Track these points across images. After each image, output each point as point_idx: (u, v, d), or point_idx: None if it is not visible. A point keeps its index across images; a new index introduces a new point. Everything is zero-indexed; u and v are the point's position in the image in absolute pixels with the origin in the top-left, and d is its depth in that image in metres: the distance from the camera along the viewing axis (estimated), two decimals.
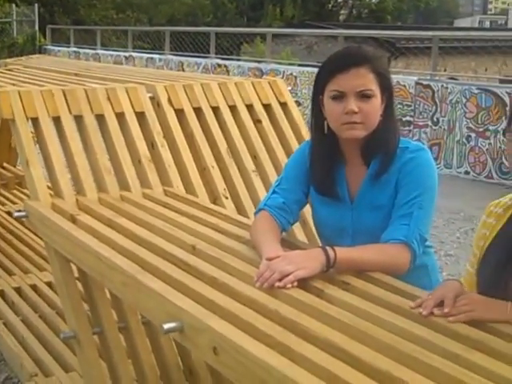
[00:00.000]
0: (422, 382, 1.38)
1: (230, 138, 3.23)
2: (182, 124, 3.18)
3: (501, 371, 1.42)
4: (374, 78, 2.13)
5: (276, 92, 3.47)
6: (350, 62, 2.12)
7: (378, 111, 2.16)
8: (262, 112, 3.37)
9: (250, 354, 1.51)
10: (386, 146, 2.18)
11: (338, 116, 2.14)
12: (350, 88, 2.11)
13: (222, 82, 3.43)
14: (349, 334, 1.61)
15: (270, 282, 1.88)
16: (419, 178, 2.15)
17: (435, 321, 1.69)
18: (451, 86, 9.70)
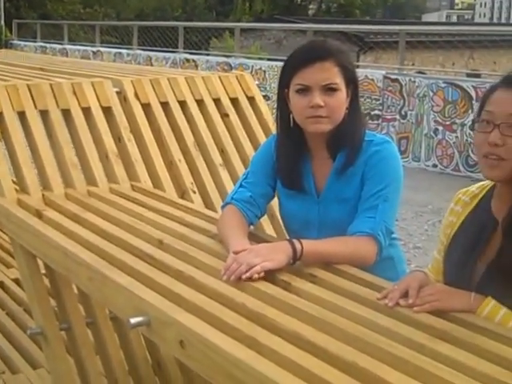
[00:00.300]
0: (388, 372, 1.38)
1: (198, 132, 3.22)
2: (149, 118, 3.17)
3: (465, 360, 1.44)
4: (338, 72, 2.14)
5: (243, 86, 3.47)
6: (314, 56, 2.12)
7: (343, 105, 2.17)
8: (230, 106, 3.37)
9: (217, 347, 1.51)
10: (351, 139, 2.19)
11: (303, 110, 2.14)
12: (315, 82, 2.11)
13: (189, 76, 3.42)
14: (316, 325, 1.62)
15: (236, 274, 1.88)
16: (384, 171, 2.16)
17: (401, 311, 1.70)
18: (419, 79, 9.78)
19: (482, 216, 1.92)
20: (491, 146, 1.76)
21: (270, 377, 1.37)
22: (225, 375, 1.49)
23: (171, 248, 2.17)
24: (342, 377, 1.36)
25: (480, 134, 1.80)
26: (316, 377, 1.37)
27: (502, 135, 1.75)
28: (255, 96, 3.45)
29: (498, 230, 1.86)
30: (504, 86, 1.79)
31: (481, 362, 1.44)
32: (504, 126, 1.75)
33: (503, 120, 1.75)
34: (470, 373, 1.39)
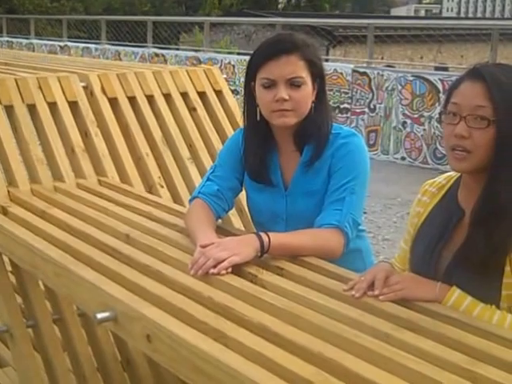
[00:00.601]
0: (354, 362, 1.39)
1: (165, 127, 3.21)
2: (116, 113, 3.15)
3: (430, 349, 1.45)
4: (304, 66, 2.14)
5: (211, 80, 3.46)
6: (280, 50, 2.12)
7: (308, 98, 2.17)
8: (197, 100, 3.36)
9: (184, 341, 1.51)
10: (317, 132, 2.19)
11: (268, 103, 2.14)
12: (280, 76, 2.12)
13: (157, 70, 3.40)
14: (282, 317, 1.62)
15: (204, 268, 1.88)
16: (351, 164, 2.17)
17: (367, 302, 1.71)
18: (387, 73, 9.83)
19: (449, 206, 1.93)
20: (458, 139, 1.77)
21: (237, 369, 1.37)
22: (191, 368, 1.49)
23: (138, 242, 2.17)
24: (307, 367, 1.36)
25: (447, 126, 1.81)
26: (282, 368, 1.37)
27: (468, 127, 1.75)
28: (223, 90, 3.45)
29: (464, 220, 1.88)
30: (469, 79, 1.79)
31: (445, 350, 1.45)
32: (470, 118, 1.75)
33: (469, 112, 1.76)
34: (435, 361, 1.40)
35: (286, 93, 2.11)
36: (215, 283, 1.85)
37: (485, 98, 1.74)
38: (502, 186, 1.75)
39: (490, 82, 1.74)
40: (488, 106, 1.74)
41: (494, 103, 1.73)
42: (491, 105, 1.73)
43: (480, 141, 1.74)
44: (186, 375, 1.53)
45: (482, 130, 1.73)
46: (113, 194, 2.71)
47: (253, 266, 1.95)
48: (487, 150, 1.75)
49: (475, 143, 1.75)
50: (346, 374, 1.36)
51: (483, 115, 1.73)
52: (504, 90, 1.73)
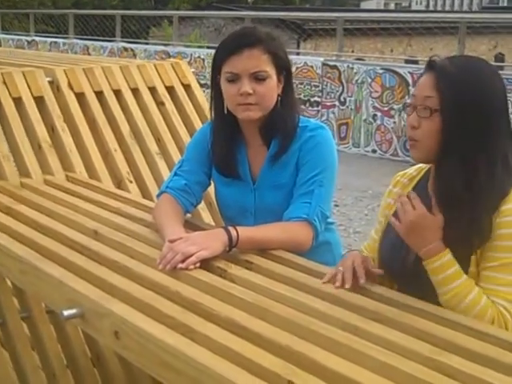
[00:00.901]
0: (322, 355, 1.39)
1: (133, 121, 3.19)
2: (84, 108, 3.12)
3: (397, 340, 1.46)
4: (268, 59, 2.14)
5: (179, 74, 3.44)
6: (243, 44, 2.12)
7: (273, 92, 2.17)
8: (165, 94, 3.34)
9: (151, 336, 1.50)
10: (284, 126, 2.19)
11: (233, 97, 2.14)
12: (244, 70, 2.11)
13: (124, 64, 3.38)
14: (250, 311, 1.62)
15: (172, 263, 1.87)
16: (319, 156, 2.17)
17: (334, 294, 1.72)
18: (357, 66, 9.86)
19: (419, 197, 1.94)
20: (410, 129, 1.82)
21: (204, 363, 1.37)
22: (159, 364, 1.48)
23: (106, 238, 2.15)
24: (275, 361, 1.36)
25: (407, 117, 1.86)
26: (249, 361, 1.37)
27: (418, 117, 1.80)
28: (191, 83, 3.43)
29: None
30: (426, 71, 1.83)
31: (411, 340, 1.46)
32: (420, 109, 1.80)
33: (420, 103, 1.80)
34: (401, 351, 1.41)
35: (250, 87, 2.11)
36: (183, 278, 1.84)
37: (433, 88, 1.78)
38: (448, 174, 1.78)
39: (439, 73, 1.78)
40: (435, 96, 1.77)
41: (440, 94, 1.76)
42: (437, 95, 1.77)
43: (426, 130, 1.79)
44: (153, 370, 1.52)
45: (428, 119, 1.78)
46: (81, 190, 2.69)
47: (221, 261, 1.95)
48: (433, 139, 1.79)
49: (423, 132, 1.79)
50: (313, 366, 1.36)
51: (429, 105, 1.77)
52: (451, 80, 1.76)
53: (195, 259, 1.88)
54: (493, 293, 1.73)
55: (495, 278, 1.74)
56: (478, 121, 1.76)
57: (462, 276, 1.74)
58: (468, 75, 1.78)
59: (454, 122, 1.75)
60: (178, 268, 1.86)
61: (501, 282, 1.73)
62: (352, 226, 6.64)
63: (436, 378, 1.30)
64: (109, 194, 2.65)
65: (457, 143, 1.76)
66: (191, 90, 3.43)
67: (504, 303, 1.71)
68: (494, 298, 1.72)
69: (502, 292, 1.73)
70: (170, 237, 1.98)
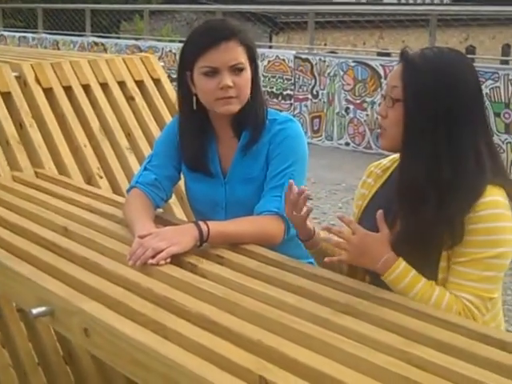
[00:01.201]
0: (293, 349, 1.39)
1: (103, 116, 3.16)
2: (52, 103, 3.09)
3: (367, 332, 1.46)
4: (243, 51, 2.13)
5: (148, 68, 3.42)
6: (219, 37, 2.10)
7: (249, 83, 2.16)
8: (135, 89, 3.32)
9: (121, 334, 1.49)
10: (255, 117, 2.18)
11: (212, 92, 2.12)
12: (223, 63, 2.09)
13: (92, 59, 3.35)
14: (221, 306, 1.61)
15: (142, 259, 1.86)
16: (289, 149, 2.16)
17: (305, 288, 1.72)
18: (329, 59, 9.86)
19: (392, 188, 1.95)
20: (380, 118, 1.85)
21: (175, 360, 1.36)
22: (130, 361, 1.47)
23: (76, 235, 2.13)
24: (246, 356, 1.36)
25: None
26: (221, 357, 1.36)
27: (386, 107, 1.82)
28: (161, 78, 3.41)
29: None
30: (398, 61, 1.84)
31: (382, 332, 1.46)
32: (388, 98, 1.82)
33: (388, 92, 1.83)
34: (373, 344, 1.41)
35: (230, 80, 2.10)
36: (154, 274, 1.83)
37: (399, 78, 1.79)
38: (412, 164, 1.78)
39: (405, 63, 1.80)
40: (399, 85, 1.79)
41: (403, 83, 1.78)
42: (401, 85, 1.79)
43: (391, 119, 1.81)
44: (124, 368, 1.52)
45: (391, 108, 1.80)
46: (50, 186, 2.66)
47: (192, 256, 1.93)
48: (398, 129, 1.80)
49: (389, 121, 1.82)
50: (284, 360, 1.36)
51: (393, 94, 1.80)
52: (414, 70, 1.77)
53: (166, 255, 1.86)
54: (461, 287, 1.74)
55: (465, 273, 1.74)
56: (441, 113, 1.74)
57: (420, 280, 1.74)
58: (434, 66, 1.77)
59: (413, 112, 1.76)
60: (149, 264, 1.85)
61: (470, 277, 1.74)
62: (326, 219, 6.64)
63: (407, 369, 1.30)
64: (79, 190, 2.63)
65: (416, 134, 1.76)
66: (161, 85, 3.41)
67: (470, 297, 1.72)
68: (461, 293, 1.73)
69: (469, 287, 1.73)
70: (139, 232, 1.96)
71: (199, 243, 1.96)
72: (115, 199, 2.52)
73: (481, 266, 1.73)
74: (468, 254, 1.73)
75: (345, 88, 9.64)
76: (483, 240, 1.73)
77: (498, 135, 8.08)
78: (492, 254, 1.73)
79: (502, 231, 1.73)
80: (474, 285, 1.73)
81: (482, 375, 1.27)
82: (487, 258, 1.73)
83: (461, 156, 1.75)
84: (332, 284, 1.76)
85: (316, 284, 1.74)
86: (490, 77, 8.12)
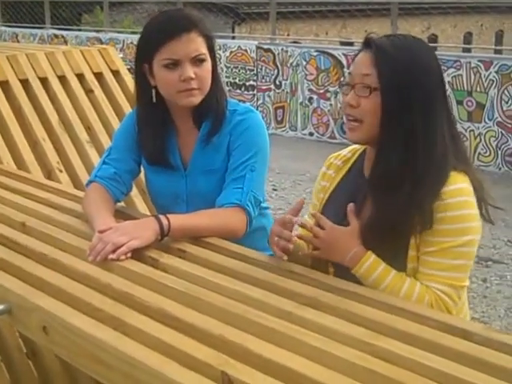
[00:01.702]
0: (255, 343, 1.36)
1: (62, 110, 3.11)
2: (8, 97, 3.03)
3: (331, 325, 1.44)
4: (203, 42, 2.10)
5: (107, 60, 3.37)
6: (179, 28, 2.06)
7: (210, 74, 2.13)
8: (94, 81, 3.27)
9: (80, 331, 1.45)
10: (215, 108, 2.15)
11: (173, 84, 2.08)
12: (185, 54, 2.06)
13: (50, 51, 3.29)
14: (183, 301, 1.58)
15: (102, 254, 1.82)
16: (250, 140, 2.14)
17: (269, 281, 1.69)
18: (291, 49, 9.86)
19: (355, 179, 1.93)
20: (348, 108, 1.79)
21: (135, 357, 1.33)
22: (90, 359, 1.44)
23: (35, 231, 2.08)
24: (208, 351, 1.33)
25: (343, 97, 1.83)
26: (182, 353, 1.34)
27: (357, 96, 1.77)
28: (120, 70, 3.37)
29: None
30: (362, 49, 1.81)
31: (347, 325, 1.44)
32: (359, 87, 1.77)
33: (357, 81, 1.78)
34: (336, 337, 1.39)
35: (192, 71, 2.06)
36: (114, 269, 1.80)
37: (371, 66, 1.76)
38: (390, 152, 1.76)
39: (376, 50, 1.76)
40: (373, 73, 1.75)
41: (378, 71, 1.74)
42: (376, 73, 1.75)
43: (366, 108, 1.76)
44: (85, 366, 1.48)
45: (367, 97, 1.75)
46: (9, 182, 2.61)
47: (153, 250, 1.90)
48: (375, 118, 1.76)
49: (364, 111, 1.77)
50: (247, 355, 1.33)
51: (367, 83, 1.75)
52: (389, 57, 1.75)
53: (126, 249, 1.83)
54: (431, 278, 1.73)
55: (434, 263, 1.73)
56: (416, 99, 1.74)
57: (390, 272, 1.74)
58: (405, 53, 1.77)
59: (393, 100, 1.74)
60: (109, 259, 1.81)
61: (440, 266, 1.73)
62: None
63: (373, 362, 1.28)
64: (38, 185, 2.57)
65: (394, 122, 1.74)
66: (120, 77, 3.36)
67: (442, 287, 1.71)
68: (433, 283, 1.72)
69: (440, 277, 1.72)
70: (99, 227, 1.92)
71: (160, 237, 1.93)
72: (75, 194, 2.47)
73: (450, 254, 1.72)
74: (437, 244, 1.72)
75: (308, 78, 9.64)
76: (451, 229, 1.72)
77: (461, 123, 8.14)
78: (460, 242, 1.72)
79: (468, 219, 1.73)
80: (444, 274, 1.72)
81: (447, 366, 1.26)
82: (456, 247, 1.72)
83: (432, 142, 1.76)
84: (296, 277, 1.73)
85: (280, 277, 1.72)
86: (452, 65, 8.18)
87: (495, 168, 7.96)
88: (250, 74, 10.19)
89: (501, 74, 7.85)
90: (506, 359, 1.30)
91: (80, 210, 2.22)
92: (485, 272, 4.97)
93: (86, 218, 2.11)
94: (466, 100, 8.14)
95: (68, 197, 2.42)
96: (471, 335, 1.40)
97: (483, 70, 7.96)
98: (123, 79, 3.36)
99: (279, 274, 1.75)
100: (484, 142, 8.05)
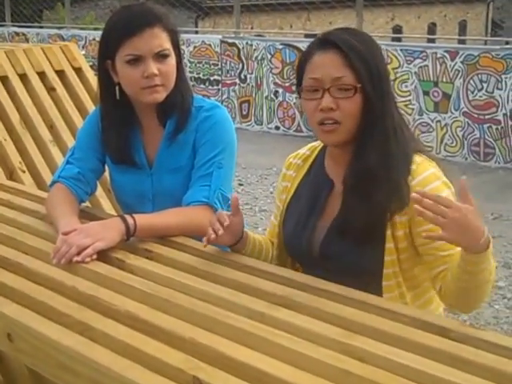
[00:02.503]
0: (226, 345, 1.33)
1: (23, 109, 3.05)
2: None
3: (304, 324, 1.41)
4: (167, 37, 2.05)
5: (69, 57, 3.31)
6: (142, 23, 2.01)
7: (174, 70, 2.08)
8: (56, 79, 3.21)
9: (45, 337, 1.41)
10: (180, 105, 2.11)
11: (136, 81, 2.03)
12: (147, 50, 2.01)
13: (9, 49, 3.22)
14: (151, 303, 1.54)
15: (67, 257, 1.77)
16: (217, 137, 2.10)
17: (239, 280, 1.66)
18: (256, 42, 9.82)
19: (317, 178, 1.92)
20: (326, 112, 1.74)
21: (103, 363, 1.29)
22: (56, 366, 1.40)
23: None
24: (178, 355, 1.29)
25: (310, 102, 1.78)
26: (152, 358, 1.30)
27: (334, 98, 1.73)
28: (82, 67, 3.31)
29: (334, 190, 1.87)
30: (321, 49, 1.76)
31: (321, 324, 1.41)
32: (334, 90, 1.74)
33: (332, 83, 1.74)
34: (310, 337, 1.36)
35: (155, 67, 2.01)
36: (80, 272, 1.75)
37: (344, 66, 1.73)
38: (372, 150, 1.75)
39: (346, 49, 1.73)
40: (348, 74, 1.73)
41: (355, 71, 1.72)
42: (352, 73, 1.72)
43: (349, 110, 1.73)
44: (51, 374, 1.44)
45: (350, 98, 1.73)
46: None
47: (119, 251, 1.85)
48: (355, 119, 1.75)
49: (345, 113, 1.74)
50: (219, 358, 1.30)
51: (348, 83, 1.72)
52: (362, 57, 1.73)
53: (91, 251, 1.78)
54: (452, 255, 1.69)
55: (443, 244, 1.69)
56: (387, 91, 1.77)
57: None
58: (370, 48, 1.77)
59: (374, 97, 1.73)
60: (74, 261, 1.77)
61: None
62: (258, 204, 6.62)
63: (346, 361, 1.25)
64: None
65: (375, 119, 1.74)
66: (82, 74, 3.31)
67: None
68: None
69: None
70: (63, 229, 1.87)
71: (126, 237, 1.88)
72: (38, 194, 2.42)
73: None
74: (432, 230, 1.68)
75: (273, 71, 9.62)
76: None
77: (428, 114, 8.19)
78: None
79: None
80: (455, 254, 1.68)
81: (423, 364, 1.24)
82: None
83: (402, 131, 1.79)
84: (267, 276, 1.70)
85: (251, 276, 1.68)
86: (418, 55, 8.21)
87: (462, 158, 8.01)
88: (215, 68, 10.14)
89: (466, 64, 7.89)
90: (482, 356, 1.28)
91: (44, 212, 2.16)
92: None
93: (50, 219, 2.05)
94: (432, 90, 8.17)
95: (31, 198, 2.36)
96: (448, 332, 1.38)
97: (449, 60, 8.00)
98: (85, 76, 3.30)
99: (249, 273, 1.72)
100: (450, 133, 8.09)
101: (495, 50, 7.84)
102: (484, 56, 7.76)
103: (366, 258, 1.77)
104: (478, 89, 7.83)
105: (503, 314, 4.28)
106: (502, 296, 4.51)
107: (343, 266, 1.80)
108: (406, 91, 8.35)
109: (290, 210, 1.97)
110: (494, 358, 1.27)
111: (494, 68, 7.70)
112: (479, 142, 7.91)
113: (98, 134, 2.18)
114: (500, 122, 7.74)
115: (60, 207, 2.03)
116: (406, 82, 8.34)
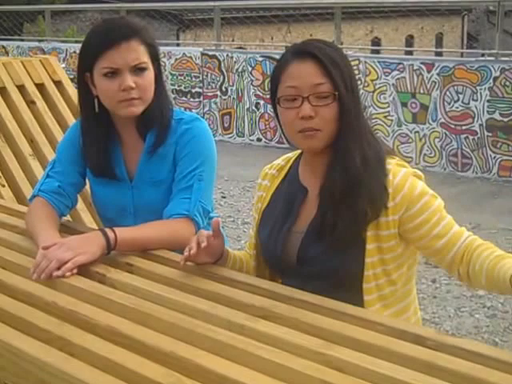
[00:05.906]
0: (206, 358, 1.33)
1: (2, 123, 3.04)
2: None
3: (284, 336, 1.41)
4: (144, 50, 2.06)
5: (49, 70, 3.31)
6: (119, 36, 2.02)
7: (152, 83, 2.09)
8: (36, 92, 3.21)
9: (24, 353, 1.40)
10: (160, 118, 2.12)
11: (113, 94, 2.03)
12: (124, 63, 2.01)
13: None
14: (132, 317, 1.54)
15: (47, 272, 1.76)
16: (197, 150, 2.11)
17: (219, 293, 1.66)
18: (236, 55, 9.84)
19: (291, 186, 1.94)
20: (305, 120, 1.77)
21: (83, 379, 1.28)
22: (36, 382, 1.38)
23: None
24: (158, 369, 1.29)
25: (288, 111, 1.80)
26: (132, 372, 1.29)
27: (313, 106, 1.76)
28: (62, 80, 3.31)
29: (308, 197, 1.89)
30: (297, 58, 1.79)
31: (300, 335, 1.42)
32: (312, 98, 1.76)
33: (310, 92, 1.76)
34: (290, 348, 1.36)
35: (132, 80, 2.02)
36: (60, 287, 1.74)
37: (321, 74, 1.77)
38: (350, 156, 1.78)
39: (323, 58, 1.77)
40: (326, 82, 1.77)
41: (332, 79, 1.76)
42: (329, 81, 1.76)
43: (328, 116, 1.77)
44: None
45: (328, 105, 1.76)
46: None
47: (100, 265, 1.85)
48: (333, 125, 1.78)
49: (324, 120, 1.77)
50: (199, 371, 1.30)
51: (326, 91, 1.76)
52: (337, 66, 1.78)
53: (71, 265, 1.78)
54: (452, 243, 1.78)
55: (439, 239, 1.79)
56: (358, 97, 1.83)
57: None
58: (342, 57, 1.83)
59: (349, 103, 1.77)
60: (54, 276, 1.76)
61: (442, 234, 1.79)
62: (240, 216, 6.61)
63: (325, 372, 1.26)
64: None
65: (354, 122, 1.79)
66: (63, 87, 3.30)
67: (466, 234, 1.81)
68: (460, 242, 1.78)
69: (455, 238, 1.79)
70: (43, 243, 1.87)
71: (107, 251, 1.88)
72: (18, 209, 2.40)
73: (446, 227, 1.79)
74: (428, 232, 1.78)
75: (254, 83, 9.64)
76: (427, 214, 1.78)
77: (406, 125, 8.24)
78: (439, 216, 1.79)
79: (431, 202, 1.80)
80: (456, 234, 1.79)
81: (400, 373, 1.25)
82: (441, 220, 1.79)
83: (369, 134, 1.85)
84: (247, 287, 1.70)
85: (230, 288, 1.69)
86: (395, 68, 8.26)
87: (440, 168, 8.05)
88: (196, 80, 10.15)
89: (442, 75, 7.95)
90: (459, 363, 1.29)
91: (23, 226, 2.15)
92: (434, 272, 5.01)
93: (30, 234, 2.04)
94: (410, 102, 8.22)
95: (11, 212, 2.35)
96: (424, 340, 1.39)
97: (425, 72, 8.06)
98: (66, 90, 3.29)
99: (229, 285, 1.72)
100: (429, 143, 8.14)
101: (470, 62, 7.91)
102: (459, 68, 7.83)
103: (345, 261, 1.78)
104: (455, 100, 7.89)
105: (483, 323, 4.30)
106: (482, 305, 4.54)
107: (321, 270, 1.81)
108: (384, 103, 8.40)
109: (264, 218, 1.98)
110: (470, 365, 1.28)
111: (468, 80, 7.76)
112: (457, 152, 7.96)
113: (78, 147, 2.18)
114: (476, 132, 7.80)
115: (40, 221, 2.03)
116: (384, 93, 8.39)
